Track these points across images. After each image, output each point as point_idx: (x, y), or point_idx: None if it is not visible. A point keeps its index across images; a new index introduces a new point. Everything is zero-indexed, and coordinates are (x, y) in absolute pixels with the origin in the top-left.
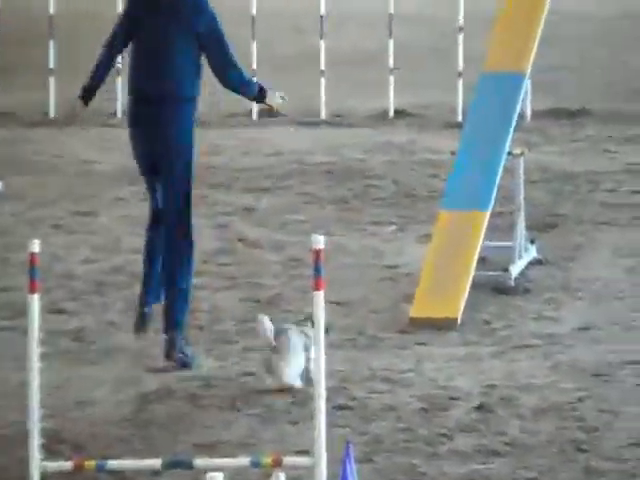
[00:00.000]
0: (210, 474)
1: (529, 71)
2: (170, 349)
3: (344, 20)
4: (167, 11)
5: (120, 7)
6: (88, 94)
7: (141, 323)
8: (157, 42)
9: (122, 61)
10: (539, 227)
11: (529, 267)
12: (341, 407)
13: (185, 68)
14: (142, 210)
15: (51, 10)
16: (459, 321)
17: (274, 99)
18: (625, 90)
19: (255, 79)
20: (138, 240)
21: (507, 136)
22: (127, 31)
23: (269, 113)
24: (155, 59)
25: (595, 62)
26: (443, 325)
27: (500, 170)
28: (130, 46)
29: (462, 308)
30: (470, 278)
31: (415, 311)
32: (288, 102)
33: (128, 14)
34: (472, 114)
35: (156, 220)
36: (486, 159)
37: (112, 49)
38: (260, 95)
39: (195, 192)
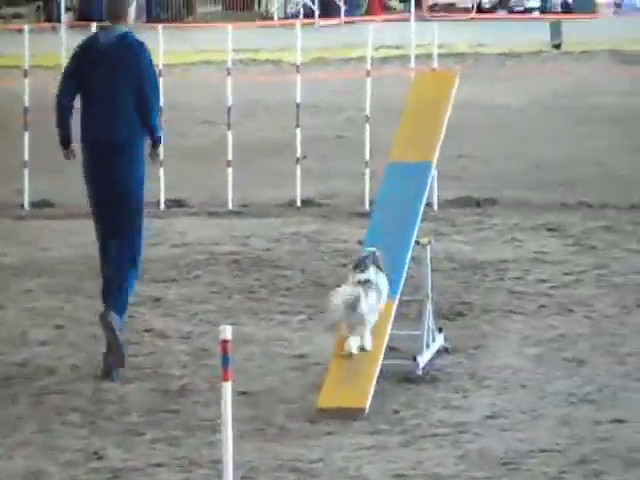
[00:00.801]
0: None
1: (436, 160)
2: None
3: (252, 110)
4: (111, 63)
5: None
6: (68, 142)
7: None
8: (103, 93)
9: (29, 153)
10: (447, 316)
11: (437, 356)
12: None
13: (131, 116)
14: (50, 302)
15: None
16: (367, 410)
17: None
18: (530, 179)
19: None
20: (45, 332)
21: (415, 225)
22: (75, 83)
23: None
24: (102, 109)
25: (500, 152)
26: (352, 415)
27: (408, 259)
28: (79, 97)
29: (370, 397)
30: (378, 367)
31: (323, 401)
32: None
33: (74, 67)
34: (379, 203)
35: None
36: (394, 248)
37: (66, 98)
38: (157, 142)
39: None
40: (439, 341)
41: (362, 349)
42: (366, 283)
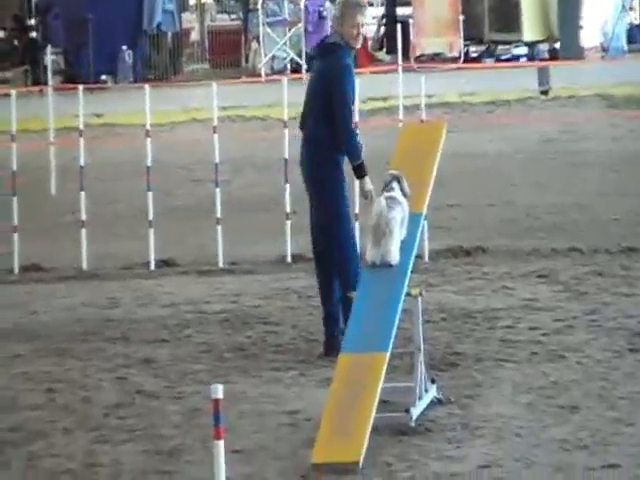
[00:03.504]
0: None
1: (425, 211)
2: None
3: (240, 167)
4: (318, 74)
5: None
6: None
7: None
8: (310, 97)
9: (17, 218)
10: (439, 366)
11: (430, 407)
12: None
13: (320, 118)
14: (40, 366)
15: None
16: (361, 464)
17: (367, 186)
18: (519, 227)
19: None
20: (36, 396)
21: (405, 277)
22: None
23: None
24: (308, 109)
25: (489, 200)
26: (345, 469)
27: (399, 312)
28: None
29: (364, 451)
30: (371, 421)
31: (316, 456)
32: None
33: None
34: None
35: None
36: (384, 301)
37: None
38: (358, 171)
39: (92, 346)
40: (432, 392)
41: (386, 264)
42: (391, 199)
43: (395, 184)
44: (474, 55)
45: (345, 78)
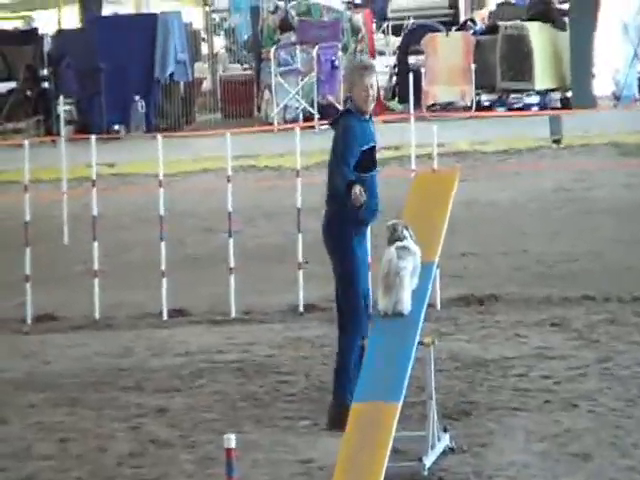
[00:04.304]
0: None
1: (437, 260)
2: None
3: (252, 216)
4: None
5: None
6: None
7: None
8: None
9: (30, 268)
10: (452, 415)
11: (443, 456)
12: None
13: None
14: (53, 416)
15: None
16: None
17: (354, 193)
18: (531, 276)
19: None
20: (50, 446)
21: (417, 326)
22: None
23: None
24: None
25: (501, 248)
26: None
27: (411, 361)
28: None
29: None
30: (383, 470)
31: None
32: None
33: None
34: None
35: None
36: (396, 350)
37: None
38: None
39: (105, 395)
40: (444, 441)
41: (398, 313)
42: (402, 249)
43: (406, 232)
44: (486, 104)
45: (344, 138)
